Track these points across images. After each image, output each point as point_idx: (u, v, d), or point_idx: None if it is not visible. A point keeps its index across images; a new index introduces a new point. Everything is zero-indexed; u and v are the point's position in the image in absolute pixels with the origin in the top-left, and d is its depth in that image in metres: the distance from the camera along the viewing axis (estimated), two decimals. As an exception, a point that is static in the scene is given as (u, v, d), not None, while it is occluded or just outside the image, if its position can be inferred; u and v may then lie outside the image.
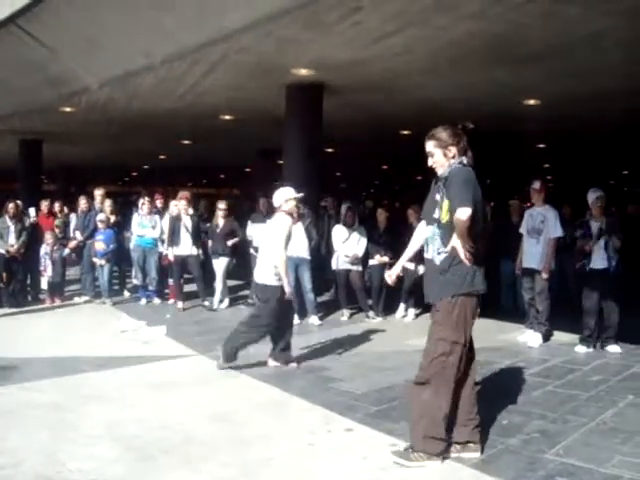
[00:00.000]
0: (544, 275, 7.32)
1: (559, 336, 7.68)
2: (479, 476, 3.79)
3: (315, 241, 9.05)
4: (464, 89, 9.53)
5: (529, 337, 7.58)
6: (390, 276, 4.49)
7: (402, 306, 9.32)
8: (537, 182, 7.61)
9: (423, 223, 4.19)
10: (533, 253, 7.47)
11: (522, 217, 8.05)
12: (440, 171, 4.01)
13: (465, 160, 3.98)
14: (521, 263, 7.68)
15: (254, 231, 10.28)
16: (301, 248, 8.84)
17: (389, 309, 9.34)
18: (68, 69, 9.00)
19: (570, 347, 7.18)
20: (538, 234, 7.46)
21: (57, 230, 10.51)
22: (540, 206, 7.60)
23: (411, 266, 8.89)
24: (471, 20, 6.48)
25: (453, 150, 3.97)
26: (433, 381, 3.90)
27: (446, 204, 3.89)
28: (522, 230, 7.72)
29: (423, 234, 4.14)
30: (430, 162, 4.05)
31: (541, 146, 16.05)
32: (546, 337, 7.52)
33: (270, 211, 10.48)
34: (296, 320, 8.77)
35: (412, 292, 9.05)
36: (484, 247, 4.11)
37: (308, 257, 8.85)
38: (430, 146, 4.02)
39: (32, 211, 10.55)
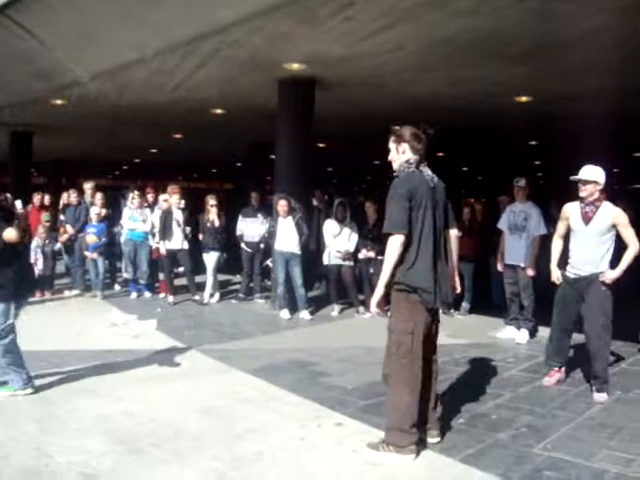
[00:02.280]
0: (529, 273, 7.33)
1: (547, 332, 7.69)
2: (468, 470, 3.82)
3: (305, 236, 9.07)
4: (456, 85, 9.53)
5: (511, 333, 7.62)
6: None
7: None
8: (522, 180, 7.57)
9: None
10: (516, 250, 7.45)
11: None
12: (395, 167, 4.23)
13: (412, 159, 4.10)
14: (503, 259, 7.69)
15: (244, 226, 10.28)
16: (292, 243, 8.87)
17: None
18: (59, 62, 8.94)
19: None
20: (521, 231, 7.45)
21: (46, 225, 10.44)
22: (522, 203, 7.59)
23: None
24: (463, 16, 6.48)
25: (404, 146, 4.15)
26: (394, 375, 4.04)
27: None
28: (501, 226, 7.72)
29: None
30: (389, 157, 4.29)
31: (532, 143, 16.11)
32: (532, 333, 7.55)
33: (261, 205, 10.57)
34: (287, 315, 8.83)
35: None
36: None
37: (299, 252, 8.88)
38: (389, 142, 4.28)
39: (19, 204, 10.47)
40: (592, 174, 5.38)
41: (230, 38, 7.50)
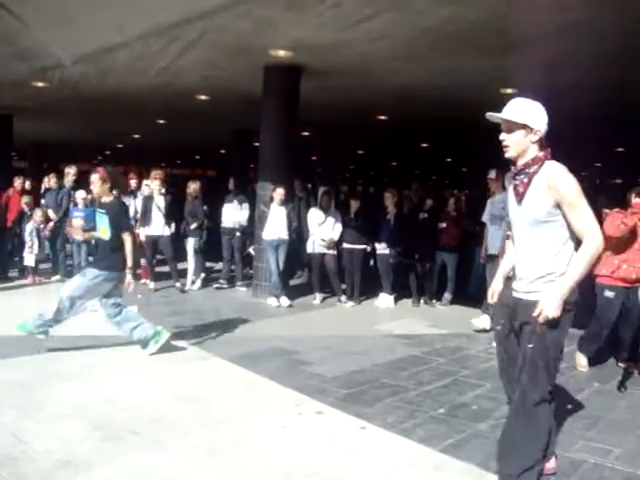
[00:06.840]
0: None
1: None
2: (447, 460, 3.83)
3: (295, 227, 9.12)
4: (441, 76, 9.51)
5: (486, 322, 7.62)
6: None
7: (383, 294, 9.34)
8: (492, 171, 7.68)
9: None
10: (495, 239, 7.48)
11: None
12: None
13: None
14: (486, 251, 7.71)
15: (224, 211, 10.24)
16: (281, 230, 8.90)
17: (362, 294, 9.37)
18: (40, 43, 8.78)
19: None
20: (500, 220, 7.47)
21: (27, 207, 10.32)
22: (500, 194, 7.63)
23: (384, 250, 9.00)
24: (450, 6, 6.45)
25: None
26: None
27: None
28: (484, 218, 7.78)
29: None
30: None
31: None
32: None
33: (237, 191, 10.49)
34: (286, 302, 8.86)
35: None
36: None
37: (287, 238, 8.95)
38: None
39: None
40: None
41: (216, 23, 7.40)
